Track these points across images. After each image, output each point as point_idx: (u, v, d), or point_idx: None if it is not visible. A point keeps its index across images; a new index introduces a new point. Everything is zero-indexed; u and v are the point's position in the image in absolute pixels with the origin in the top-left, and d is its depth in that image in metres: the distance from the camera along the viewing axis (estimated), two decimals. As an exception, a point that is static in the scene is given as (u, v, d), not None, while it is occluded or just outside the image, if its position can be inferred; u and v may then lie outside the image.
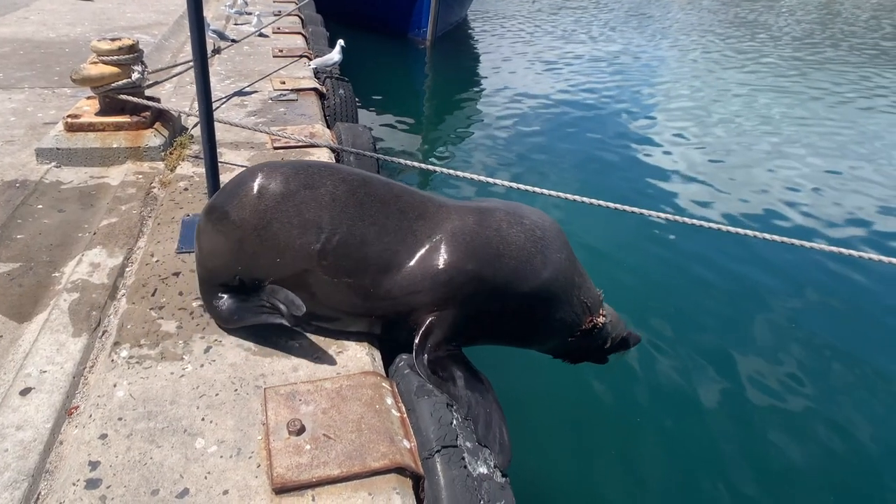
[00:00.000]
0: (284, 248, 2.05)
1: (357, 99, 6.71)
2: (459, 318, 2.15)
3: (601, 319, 2.55)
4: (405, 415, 2.32)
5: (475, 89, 10.92)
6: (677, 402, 3.75)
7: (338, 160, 4.63)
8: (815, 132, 9.23)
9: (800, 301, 4.97)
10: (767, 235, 3.00)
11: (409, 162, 3.88)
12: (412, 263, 2.08)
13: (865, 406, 4.15)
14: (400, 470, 2.06)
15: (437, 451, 2.12)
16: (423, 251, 2.08)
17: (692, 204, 6.68)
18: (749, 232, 2.99)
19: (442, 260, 2.08)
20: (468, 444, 2.18)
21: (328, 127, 5.46)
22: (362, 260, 2.04)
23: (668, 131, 8.92)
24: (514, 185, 3.48)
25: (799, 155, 8.22)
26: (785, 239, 2.90)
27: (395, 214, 2.10)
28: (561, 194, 3.29)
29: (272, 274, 2.11)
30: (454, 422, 2.24)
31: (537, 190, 3.35)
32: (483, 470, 2.11)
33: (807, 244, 2.93)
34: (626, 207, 3.16)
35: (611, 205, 3.20)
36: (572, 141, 8.31)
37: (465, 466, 2.10)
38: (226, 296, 2.36)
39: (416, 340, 2.15)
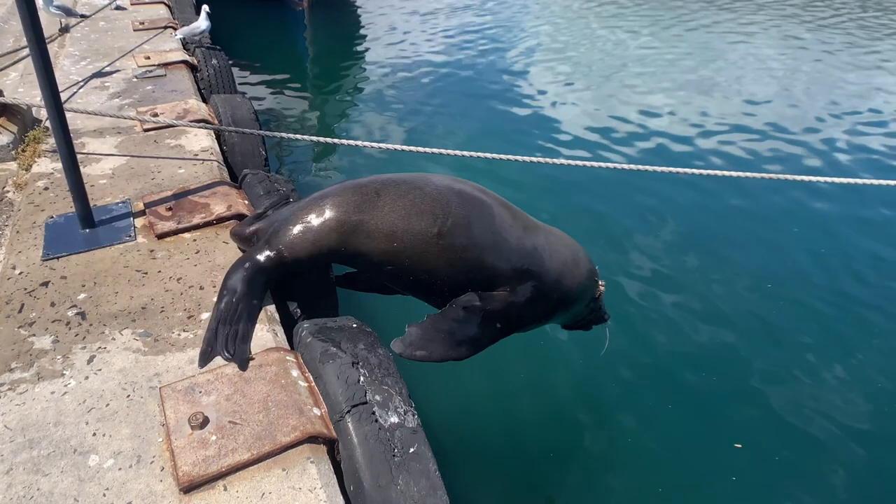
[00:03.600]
0: (403, 232, 2.08)
1: (233, 68, 6.12)
2: (526, 299, 2.29)
3: (602, 286, 2.79)
4: (313, 383, 2.19)
5: (360, 49, 10.29)
6: (579, 346, 3.72)
7: (218, 140, 4.21)
8: (669, 62, 9.50)
9: (684, 224, 5.05)
10: (640, 167, 3.02)
11: (297, 135, 3.55)
12: (508, 247, 2.21)
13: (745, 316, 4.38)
14: (312, 439, 1.95)
15: (348, 412, 2.03)
16: (514, 238, 2.24)
17: (575, 144, 6.62)
18: (627, 165, 3.00)
19: (531, 258, 2.27)
20: (377, 397, 2.09)
21: (203, 101, 4.96)
22: (472, 237, 2.13)
23: (541, 74, 8.82)
24: (410, 148, 3.29)
25: (653, 82, 8.41)
26: (656, 168, 2.94)
27: (485, 200, 2.24)
28: (459, 152, 3.17)
29: (386, 253, 2.13)
30: (361, 379, 2.13)
31: (435, 151, 3.18)
32: (394, 419, 2.04)
33: (675, 169, 2.98)
34: (513, 157, 3.11)
35: (498, 156, 3.12)
36: (459, 94, 8.02)
37: (377, 420, 2.01)
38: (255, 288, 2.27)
39: (489, 296, 2.21)
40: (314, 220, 2.15)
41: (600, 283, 2.80)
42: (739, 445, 3.20)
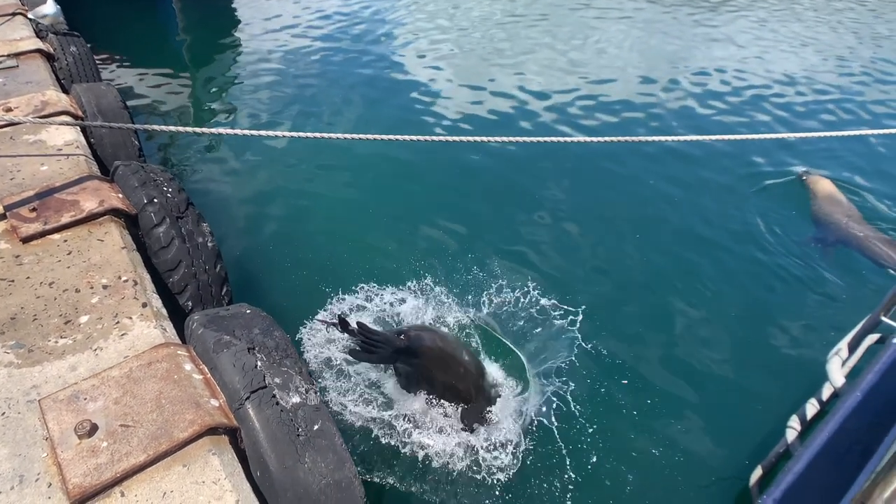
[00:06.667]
0: (454, 368, 3.03)
1: (95, 55, 5.53)
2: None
3: None
4: (208, 374, 2.11)
5: (234, 30, 9.51)
6: (472, 307, 3.81)
7: (84, 132, 3.81)
8: (536, 31, 9.76)
9: (554, 188, 5.22)
10: (517, 138, 3.10)
11: (175, 128, 3.24)
12: (484, 378, 3.23)
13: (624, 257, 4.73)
14: (212, 430, 1.89)
15: (247, 398, 1.97)
16: (482, 371, 3.25)
17: (449, 119, 6.55)
18: (503, 138, 3.06)
19: (488, 383, 3.26)
20: (277, 379, 2.05)
21: (64, 91, 4.47)
22: (477, 373, 3.16)
23: (416, 51, 8.67)
24: (296, 134, 3.13)
25: (514, 54, 8.58)
26: (530, 139, 3.03)
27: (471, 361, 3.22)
28: (325, 135, 3.08)
29: (438, 379, 3.02)
30: (259, 363, 2.08)
31: (309, 135, 3.06)
32: (296, 399, 2.02)
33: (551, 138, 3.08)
34: (397, 137, 3.07)
35: (382, 137, 3.09)
36: (336, 76, 7.63)
37: (278, 403, 1.98)
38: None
39: (465, 410, 3.10)
40: (437, 342, 3.02)
41: None
42: (625, 382, 3.49)
